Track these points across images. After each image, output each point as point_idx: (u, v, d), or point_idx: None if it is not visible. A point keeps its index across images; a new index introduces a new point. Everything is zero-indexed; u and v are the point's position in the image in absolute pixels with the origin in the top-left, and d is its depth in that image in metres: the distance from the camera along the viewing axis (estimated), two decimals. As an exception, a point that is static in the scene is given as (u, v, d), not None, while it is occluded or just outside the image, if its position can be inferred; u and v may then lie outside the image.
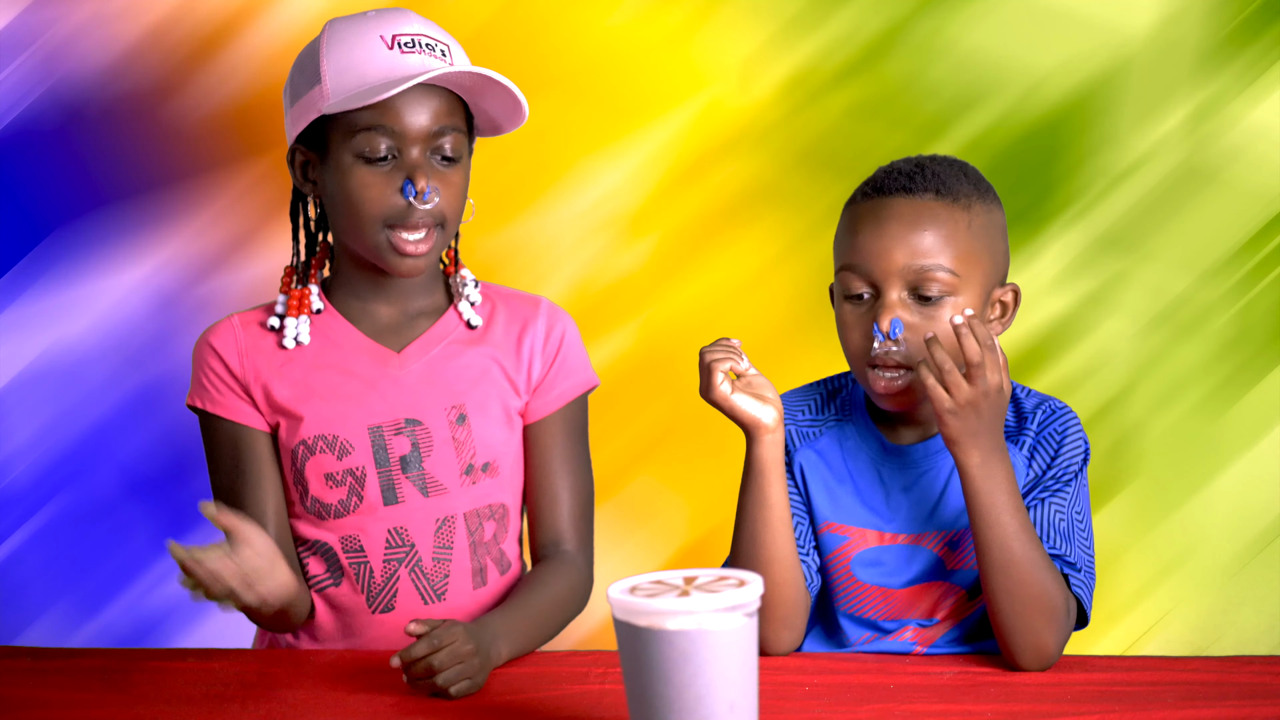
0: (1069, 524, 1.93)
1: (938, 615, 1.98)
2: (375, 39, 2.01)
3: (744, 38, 2.85)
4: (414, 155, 2.01)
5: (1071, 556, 1.91)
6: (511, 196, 2.88)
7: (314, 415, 2.06)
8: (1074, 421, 1.97)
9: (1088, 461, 1.97)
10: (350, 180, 2.02)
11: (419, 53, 2.01)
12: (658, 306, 2.88)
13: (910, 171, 1.97)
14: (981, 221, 1.95)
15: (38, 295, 2.88)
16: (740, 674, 1.57)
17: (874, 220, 1.94)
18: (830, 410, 2.06)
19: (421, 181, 2.00)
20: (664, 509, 2.90)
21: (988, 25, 2.80)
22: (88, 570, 2.90)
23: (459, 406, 2.07)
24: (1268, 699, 1.78)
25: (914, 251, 1.91)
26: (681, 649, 1.55)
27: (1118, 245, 2.81)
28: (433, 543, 2.07)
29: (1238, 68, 2.78)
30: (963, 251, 1.92)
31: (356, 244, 2.06)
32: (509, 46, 2.79)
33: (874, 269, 1.92)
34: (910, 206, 1.94)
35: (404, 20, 2.04)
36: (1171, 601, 2.85)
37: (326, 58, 2.02)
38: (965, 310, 1.91)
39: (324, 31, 2.06)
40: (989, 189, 1.99)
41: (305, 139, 2.06)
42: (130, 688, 1.89)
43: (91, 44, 2.85)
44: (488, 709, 1.79)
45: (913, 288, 1.92)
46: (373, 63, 2.00)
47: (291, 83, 2.07)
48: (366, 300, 2.10)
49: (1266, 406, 2.81)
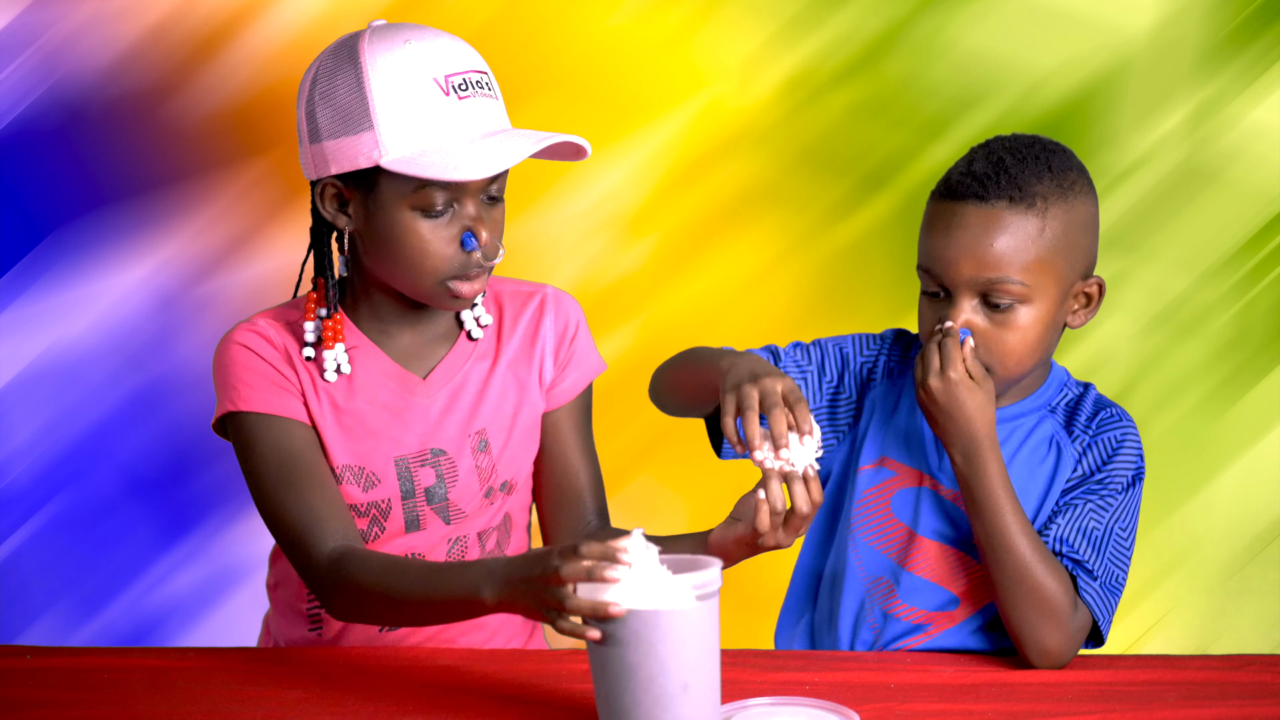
0: (1104, 533, 1.93)
1: (955, 589, 1.98)
2: (429, 83, 1.91)
3: (744, 38, 2.85)
4: (471, 209, 1.94)
5: (1091, 564, 1.91)
6: (511, 196, 2.87)
7: (342, 444, 2.01)
8: (1133, 433, 1.98)
9: (1142, 478, 1.97)
10: (407, 234, 1.93)
11: (474, 95, 1.92)
12: (658, 306, 2.88)
13: (985, 175, 1.93)
14: (1059, 225, 1.92)
15: (38, 295, 2.88)
16: (696, 655, 1.58)
17: (944, 227, 1.93)
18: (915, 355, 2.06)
19: (485, 235, 1.94)
20: (664, 509, 2.90)
21: (988, 25, 2.80)
22: (88, 570, 2.90)
23: (480, 433, 2.05)
24: (1268, 698, 1.78)
25: (982, 264, 1.90)
26: (633, 628, 1.57)
27: (1118, 245, 2.81)
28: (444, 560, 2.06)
29: (1238, 68, 2.78)
30: (1034, 260, 1.91)
31: (407, 288, 1.98)
32: (509, 46, 2.79)
33: (944, 276, 1.92)
34: (980, 216, 1.91)
35: (449, 53, 1.93)
36: (1171, 601, 2.86)
37: (377, 102, 1.90)
38: None
39: (362, 60, 1.93)
40: (1074, 180, 1.95)
41: (347, 176, 1.96)
42: (130, 688, 1.89)
43: (91, 44, 2.85)
44: (490, 703, 1.79)
45: (983, 295, 1.92)
46: (432, 115, 1.90)
47: (322, 111, 1.94)
48: (388, 323, 2.04)
49: (1266, 406, 2.81)
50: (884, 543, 2.01)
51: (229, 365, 2.01)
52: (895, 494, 2.01)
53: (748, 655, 1.95)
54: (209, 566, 2.89)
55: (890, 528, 2.01)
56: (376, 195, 1.94)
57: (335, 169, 1.94)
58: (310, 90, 1.96)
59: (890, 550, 2.01)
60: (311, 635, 2.10)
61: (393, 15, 2.08)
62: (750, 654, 1.96)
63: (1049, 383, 2.02)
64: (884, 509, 2.02)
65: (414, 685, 1.87)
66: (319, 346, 2.01)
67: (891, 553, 2.01)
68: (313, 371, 2.02)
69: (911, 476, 2.02)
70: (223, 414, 2.01)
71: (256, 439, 1.99)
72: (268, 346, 2.01)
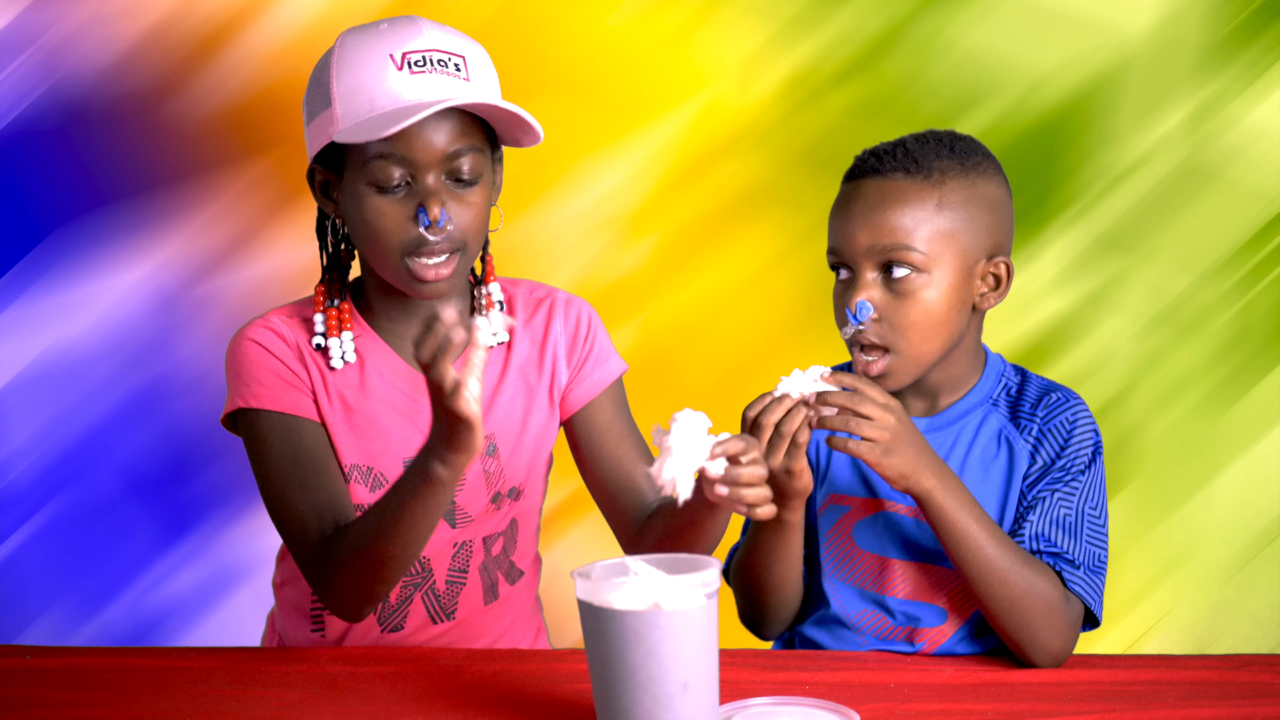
0: (1076, 518, 1.92)
1: (940, 602, 1.96)
2: (384, 59, 1.93)
3: (744, 38, 2.85)
4: (428, 182, 1.93)
5: (1071, 553, 1.90)
6: (511, 196, 2.87)
7: (351, 443, 2.01)
8: (1083, 411, 1.96)
9: (1100, 451, 1.95)
10: (365, 209, 1.95)
11: (429, 72, 1.93)
12: (658, 306, 2.88)
13: (884, 152, 1.96)
14: (959, 197, 1.93)
15: (38, 295, 2.88)
16: (695, 655, 1.58)
17: (844, 202, 1.96)
18: None
19: (435, 209, 1.92)
20: (664, 509, 2.89)
21: (988, 25, 2.80)
22: (88, 570, 2.90)
23: (489, 437, 2.04)
24: (1268, 698, 1.78)
25: (878, 232, 1.91)
26: (633, 628, 1.57)
27: (1118, 245, 2.81)
28: (448, 566, 2.06)
29: (1238, 68, 2.78)
30: (933, 231, 1.91)
31: (379, 269, 2.00)
32: (509, 46, 2.79)
33: (844, 250, 1.93)
34: (877, 188, 1.93)
35: (415, 34, 1.95)
36: (1171, 601, 2.86)
37: (337, 79, 1.94)
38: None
39: (336, 44, 1.98)
40: (979, 161, 1.96)
41: (323, 159, 2.00)
42: (130, 688, 1.89)
43: (91, 44, 2.85)
44: (490, 703, 1.80)
45: (882, 267, 1.92)
46: (381, 87, 1.92)
47: (309, 96, 2.00)
48: (396, 322, 2.05)
49: (1266, 406, 2.81)
50: (858, 576, 1.99)
51: (242, 361, 2.01)
52: (854, 526, 1.99)
53: (748, 655, 1.95)
54: (209, 566, 2.89)
55: (859, 560, 1.99)
56: (344, 175, 1.96)
57: (312, 151, 1.98)
58: (310, 77, 2.01)
59: (865, 582, 1.99)
60: (314, 635, 2.10)
61: (392, 15, 2.08)
62: (750, 654, 1.96)
63: (985, 375, 2.00)
64: (848, 543, 2.00)
65: (415, 685, 1.87)
66: (327, 336, 2.02)
67: (867, 584, 1.99)
68: (324, 369, 2.02)
69: (866, 505, 2.00)
70: (233, 409, 2.01)
71: (266, 435, 1.99)
72: (280, 343, 2.01)
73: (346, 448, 2.01)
